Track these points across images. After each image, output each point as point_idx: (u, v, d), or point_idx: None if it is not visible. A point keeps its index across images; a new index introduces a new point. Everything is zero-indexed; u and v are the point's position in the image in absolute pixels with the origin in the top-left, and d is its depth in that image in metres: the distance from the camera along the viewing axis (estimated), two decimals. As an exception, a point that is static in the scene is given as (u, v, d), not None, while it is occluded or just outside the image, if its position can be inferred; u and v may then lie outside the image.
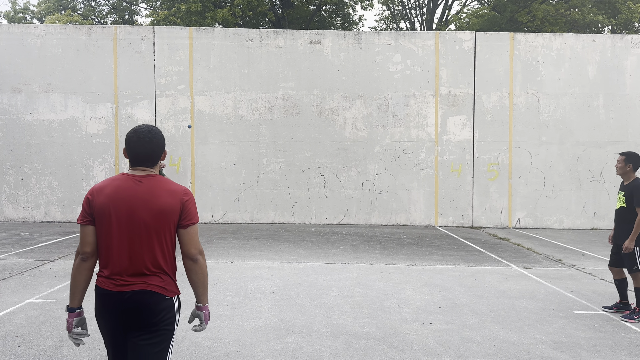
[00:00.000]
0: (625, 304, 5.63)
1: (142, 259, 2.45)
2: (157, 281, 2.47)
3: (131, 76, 12.76)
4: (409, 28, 30.30)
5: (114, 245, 2.45)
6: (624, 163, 5.40)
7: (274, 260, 8.18)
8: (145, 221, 2.45)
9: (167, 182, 2.57)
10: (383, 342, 4.60)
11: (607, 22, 23.22)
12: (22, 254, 8.42)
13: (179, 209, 2.50)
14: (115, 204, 2.45)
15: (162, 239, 2.48)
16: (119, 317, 2.45)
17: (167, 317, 2.48)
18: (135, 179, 2.52)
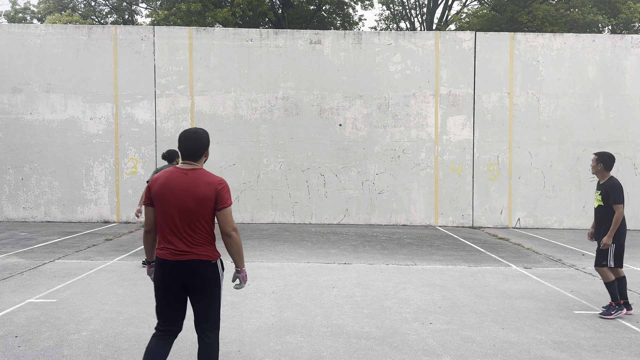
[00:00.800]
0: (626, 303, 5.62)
1: (189, 235, 3.14)
2: (202, 250, 3.16)
3: (131, 76, 12.76)
4: (409, 28, 30.30)
5: (167, 223, 3.16)
6: (595, 163, 5.59)
7: (274, 260, 8.18)
8: (189, 206, 3.12)
9: (206, 175, 3.21)
10: (383, 342, 4.60)
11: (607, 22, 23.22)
12: (22, 254, 8.42)
13: (214, 196, 3.15)
14: (167, 191, 3.15)
15: (202, 219, 3.15)
16: (175, 281, 3.15)
17: (213, 276, 3.22)
18: (182, 171, 3.20)
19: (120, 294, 6.03)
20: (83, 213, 12.74)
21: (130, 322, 5.04)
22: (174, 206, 3.13)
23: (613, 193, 5.46)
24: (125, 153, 12.78)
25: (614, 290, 5.49)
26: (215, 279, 3.23)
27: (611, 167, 5.61)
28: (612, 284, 5.49)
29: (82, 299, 5.80)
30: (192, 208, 3.12)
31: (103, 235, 10.57)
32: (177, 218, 3.14)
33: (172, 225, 3.14)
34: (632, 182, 12.98)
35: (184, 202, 3.12)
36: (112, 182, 12.75)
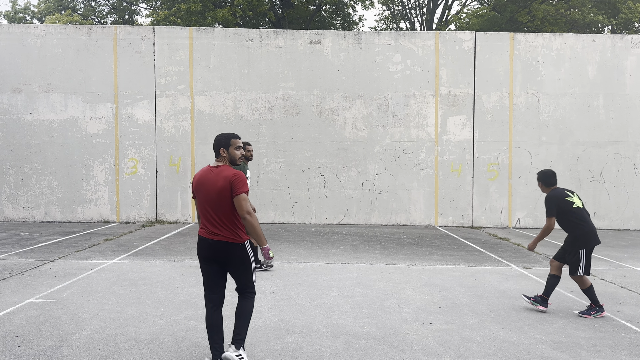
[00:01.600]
0: (544, 299, 5.62)
1: (218, 220, 3.81)
2: (228, 234, 3.81)
3: (131, 76, 12.76)
4: (409, 28, 30.30)
5: (202, 211, 3.88)
6: (538, 182, 5.78)
7: (274, 260, 8.18)
8: (214, 197, 3.80)
9: (226, 170, 3.84)
10: (383, 342, 4.61)
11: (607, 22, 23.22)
12: (22, 254, 8.42)
13: (229, 187, 3.76)
14: (200, 186, 3.89)
15: (225, 207, 3.79)
16: (209, 254, 3.87)
17: (242, 255, 3.86)
18: (211, 168, 3.91)
19: (120, 294, 6.04)
20: (83, 213, 12.74)
21: (130, 322, 5.04)
22: (205, 198, 3.84)
23: (545, 206, 5.60)
24: (125, 153, 12.78)
25: (592, 294, 5.49)
26: (244, 257, 3.88)
27: (550, 182, 5.67)
28: (590, 289, 5.51)
29: (82, 299, 5.80)
30: (216, 199, 3.79)
31: (103, 235, 10.57)
32: (208, 207, 3.83)
33: (206, 213, 3.86)
34: (632, 182, 12.98)
35: (210, 195, 3.82)
36: (112, 182, 12.76)
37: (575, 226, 5.50)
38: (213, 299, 3.94)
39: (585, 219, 5.51)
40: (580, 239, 5.48)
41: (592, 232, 5.50)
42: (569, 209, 5.48)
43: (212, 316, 3.92)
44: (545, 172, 5.68)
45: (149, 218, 12.79)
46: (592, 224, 5.56)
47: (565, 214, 5.50)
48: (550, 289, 5.64)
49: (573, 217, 5.49)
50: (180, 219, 12.85)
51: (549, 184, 5.66)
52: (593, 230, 5.51)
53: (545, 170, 5.71)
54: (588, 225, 5.49)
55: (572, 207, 5.49)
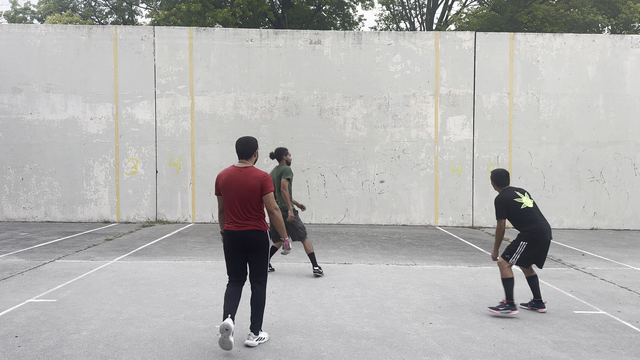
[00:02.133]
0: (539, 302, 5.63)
1: (247, 212, 4.40)
2: (254, 223, 4.42)
3: (131, 76, 12.77)
4: (409, 28, 30.31)
5: (230, 207, 4.43)
6: (491, 181, 5.81)
7: (274, 260, 8.19)
8: (244, 194, 4.38)
9: (255, 171, 4.44)
10: (383, 342, 4.61)
11: (607, 22, 23.23)
12: (22, 254, 8.42)
13: (260, 186, 4.39)
14: (229, 185, 4.42)
15: (254, 203, 4.41)
16: (237, 245, 4.42)
17: (263, 241, 4.46)
18: (238, 169, 4.47)
19: (121, 294, 6.04)
20: (83, 213, 12.74)
21: (131, 322, 5.04)
22: (236, 194, 4.39)
23: (495, 208, 5.61)
24: (125, 153, 12.78)
25: (508, 288, 5.45)
26: (265, 243, 4.47)
27: (502, 182, 5.67)
28: (508, 281, 5.46)
29: (82, 299, 5.80)
30: (246, 195, 4.38)
31: (103, 235, 10.57)
32: (237, 202, 4.39)
33: (234, 207, 4.40)
34: (632, 182, 12.99)
35: (241, 191, 4.38)
36: (112, 182, 12.76)
37: (526, 224, 5.49)
38: (235, 282, 4.52)
39: (535, 218, 5.49)
40: (530, 235, 5.46)
41: (542, 230, 5.45)
42: (517, 211, 5.50)
43: (232, 288, 4.47)
44: (498, 172, 5.70)
45: (149, 218, 12.79)
46: (544, 221, 5.52)
47: (515, 215, 5.52)
48: (536, 290, 5.64)
49: (523, 217, 5.50)
50: (180, 219, 12.85)
51: (501, 184, 5.67)
52: (544, 228, 5.46)
53: (498, 170, 5.72)
54: (538, 223, 5.47)
55: (521, 208, 5.49)
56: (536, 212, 5.58)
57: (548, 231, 5.50)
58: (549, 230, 5.52)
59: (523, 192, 5.65)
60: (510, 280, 5.48)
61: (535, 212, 5.56)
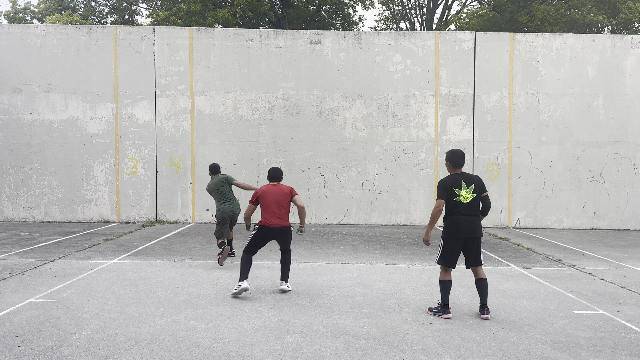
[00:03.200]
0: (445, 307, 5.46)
1: (282, 214, 6.28)
2: (287, 221, 6.32)
3: (131, 76, 12.77)
4: (409, 28, 30.31)
5: (270, 209, 6.25)
6: (445, 161, 5.60)
7: (274, 260, 8.19)
8: (281, 200, 6.30)
9: (284, 187, 6.44)
10: (383, 342, 4.61)
11: (607, 22, 23.23)
12: (23, 254, 8.42)
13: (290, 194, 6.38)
14: (267, 194, 6.32)
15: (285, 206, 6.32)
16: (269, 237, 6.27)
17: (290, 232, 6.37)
18: (273, 185, 6.43)
19: (121, 294, 6.04)
20: (83, 213, 12.75)
21: (131, 322, 5.04)
22: (274, 201, 6.26)
23: (437, 187, 5.49)
24: (125, 153, 12.78)
25: (442, 291, 5.40)
26: (290, 233, 6.38)
27: (458, 163, 5.44)
28: (440, 284, 5.42)
29: (82, 299, 5.80)
30: (282, 201, 6.28)
31: (103, 235, 10.57)
32: (274, 207, 6.24)
33: (272, 210, 6.24)
34: (632, 182, 12.99)
35: (278, 199, 6.28)
36: (113, 182, 12.76)
37: (446, 217, 5.42)
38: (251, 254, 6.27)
39: (458, 211, 5.30)
40: (445, 227, 5.42)
41: (456, 224, 5.30)
42: (450, 199, 5.34)
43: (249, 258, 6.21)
44: (455, 151, 5.50)
45: (149, 218, 12.79)
46: (466, 218, 5.29)
47: (447, 204, 5.37)
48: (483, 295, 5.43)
49: (450, 209, 5.37)
50: (180, 219, 12.85)
51: (457, 164, 5.45)
52: (459, 223, 5.29)
53: (455, 150, 5.53)
54: (456, 217, 5.31)
55: (454, 199, 5.31)
56: (468, 207, 5.30)
57: (465, 228, 5.26)
58: (469, 227, 5.27)
59: (469, 183, 5.36)
60: (444, 283, 5.39)
61: (466, 207, 5.30)
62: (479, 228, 5.34)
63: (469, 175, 5.42)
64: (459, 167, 5.47)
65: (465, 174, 5.42)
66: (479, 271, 5.40)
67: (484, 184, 5.45)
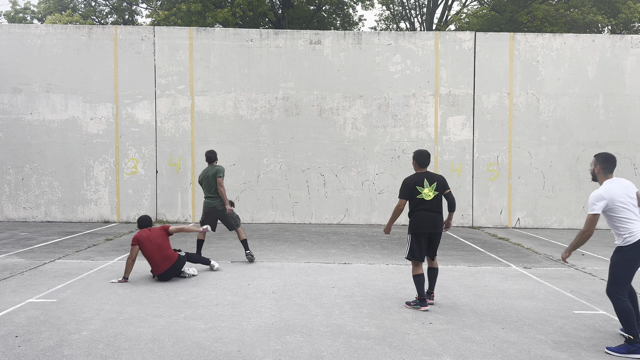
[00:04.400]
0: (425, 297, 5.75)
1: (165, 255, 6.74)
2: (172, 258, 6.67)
3: (131, 76, 12.77)
4: (408, 28, 30.31)
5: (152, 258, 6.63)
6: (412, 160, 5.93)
7: (274, 260, 8.19)
8: (159, 243, 6.79)
9: (156, 229, 6.89)
10: (383, 342, 4.61)
11: (607, 22, 23.23)
12: (23, 254, 8.43)
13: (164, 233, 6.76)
14: (146, 241, 6.81)
15: (166, 244, 6.60)
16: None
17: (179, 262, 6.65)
18: (148, 231, 6.81)
19: (121, 294, 6.04)
20: (83, 213, 12.75)
21: (131, 321, 5.04)
22: (153, 248, 6.73)
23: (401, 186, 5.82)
24: (125, 153, 12.79)
25: (416, 285, 5.65)
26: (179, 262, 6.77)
27: (423, 163, 5.79)
28: (414, 278, 5.66)
29: (83, 299, 5.80)
30: (160, 244, 6.80)
31: (103, 235, 10.57)
32: (156, 253, 6.66)
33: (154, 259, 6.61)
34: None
35: (157, 242, 6.79)
36: (113, 182, 12.76)
37: (411, 214, 5.72)
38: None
39: (422, 208, 5.61)
40: (410, 224, 5.71)
41: (420, 219, 5.60)
42: (413, 198, 5.67)
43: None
44: (421, 152, 5.84)
45: (149, 218, 12.78)
46: (429, 214, 5.61)
47: (411, 201, 5.71)
48: (431, 284, 5.89)
49: (413, 206, 5.68)
50: (180, 218, 12.85)
51: (422, 164, 5.79)
52: (422, 218, 5.59)
53: (421, 150, 5.87)
54: (421, 213, 5.61)
55: (417, 196, 5.63)
56: (431, 204, 5.62)
57: (428, 223, 5.59)
58: (433, 223, 5.60)
59: (433, 181, 5.66)
60: (417, 277, 5.63)
61: (430, 204, 5.61)
62: (441, 224, 5.71)
63: (432, 174, 5.76)
64: (424, 167, 5.82)
65: (429, 173, 5.78)
66: (434, 262, 5.85)
67: (446, 182, 5.78)
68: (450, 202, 5.75)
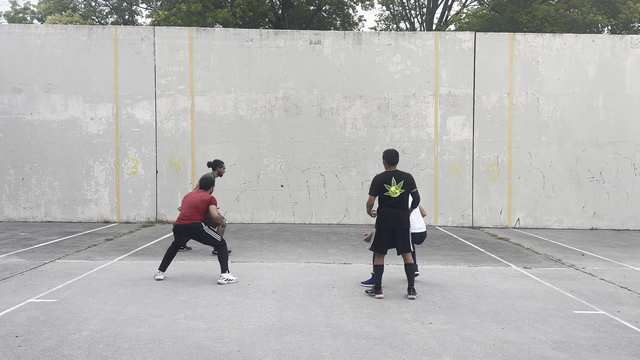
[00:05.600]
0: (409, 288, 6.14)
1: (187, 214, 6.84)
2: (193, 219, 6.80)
3: (131, 76, 12.77)
4: (408, 28, 30.32)
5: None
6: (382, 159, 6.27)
7: (274, 260, 8.19)
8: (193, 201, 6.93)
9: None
10: (383, 342, 4.61)
11: (607, 22, 23.23)
12: (23, 254, 8.43)
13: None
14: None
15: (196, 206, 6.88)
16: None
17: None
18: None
19: (121, 294, 6.04)
20: (83, 213, 12.75)
21: (131, 322, 5.05)
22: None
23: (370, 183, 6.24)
24: (125, 153, 12.79)
25: (376, 274, 6.09)
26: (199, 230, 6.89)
27: (392, 161, 6.13)
28: (375, 268, 6.10)
29: (83, 299, 5.81)
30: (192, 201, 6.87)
31: (103, 235, 10.58)
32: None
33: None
34: (632, 182, 12.99)
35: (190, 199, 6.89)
36: (113, 182, 12.77)
37: (378, 210, 6.10)
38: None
39: (388, 204, 6.00)
40: (377, 219, 6.09)
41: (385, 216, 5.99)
42: (381, 195, 6.05)
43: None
44: (390, 151, 6.19)
45: (149, 218, 12.80)
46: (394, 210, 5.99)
47: (379, 198, 6.11)
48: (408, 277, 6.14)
49: (381, 203, 6.10)
50: (180, 219, 12.84)
51: (391, 162, 6.15)
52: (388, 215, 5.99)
53: (390, 149, 6.21)
54: (386, 209, 6.01)
55: (384, 193, 6.02)
56: (396, 201, 5.97)
57: (392, 219, 5.98)
58: (396, 219, 5.99)
59: (400, 180, 6.01)
60: (377, 267, 6.08)
61: (395, 201, 5.97)
62: (406, 220, 6.07)
63: (401, 173, 6.12)
64: (393, 165, 6.17)
65: (398, 171, 6.13)
66: (407, 257, 6.10)
67: (414, 182, 6.14)
68: (414, 201, 6.20)
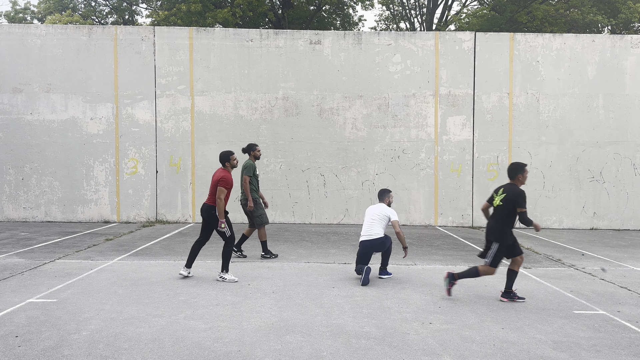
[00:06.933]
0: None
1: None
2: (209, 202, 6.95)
3: (131, 76, 12.77)
4: (408, 28, 30.31)
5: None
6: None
7: (274, 260, 8.19)
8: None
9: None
10: (383, 342, 4.61)
11: (607, 22, 23.23)
12: (23, 254, 8.43)
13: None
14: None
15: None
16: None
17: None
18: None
19: (121, 294, 6.04)
20: (83, 213, 12.75)
21: (131, 322, 5.05)
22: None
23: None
24: (125, 153, 12.79)
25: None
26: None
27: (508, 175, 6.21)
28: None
29: (83, 299, 5.81)
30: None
31: (103, 235, 10.58)
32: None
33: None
34: (632, 182, 12.99)
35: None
36: (113, 182, 12.76)
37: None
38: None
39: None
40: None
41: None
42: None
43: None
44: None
45: (149, 218, 12.80)
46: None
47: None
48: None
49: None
50: (180, 219, 12.85)
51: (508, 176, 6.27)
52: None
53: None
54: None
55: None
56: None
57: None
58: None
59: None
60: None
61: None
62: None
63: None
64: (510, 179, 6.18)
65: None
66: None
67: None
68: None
